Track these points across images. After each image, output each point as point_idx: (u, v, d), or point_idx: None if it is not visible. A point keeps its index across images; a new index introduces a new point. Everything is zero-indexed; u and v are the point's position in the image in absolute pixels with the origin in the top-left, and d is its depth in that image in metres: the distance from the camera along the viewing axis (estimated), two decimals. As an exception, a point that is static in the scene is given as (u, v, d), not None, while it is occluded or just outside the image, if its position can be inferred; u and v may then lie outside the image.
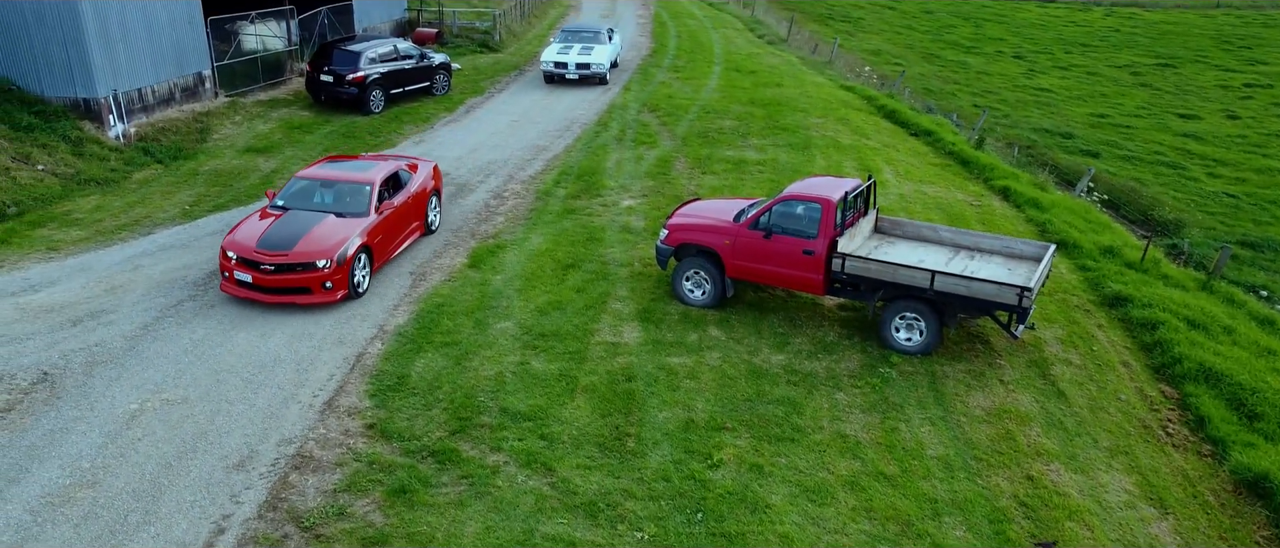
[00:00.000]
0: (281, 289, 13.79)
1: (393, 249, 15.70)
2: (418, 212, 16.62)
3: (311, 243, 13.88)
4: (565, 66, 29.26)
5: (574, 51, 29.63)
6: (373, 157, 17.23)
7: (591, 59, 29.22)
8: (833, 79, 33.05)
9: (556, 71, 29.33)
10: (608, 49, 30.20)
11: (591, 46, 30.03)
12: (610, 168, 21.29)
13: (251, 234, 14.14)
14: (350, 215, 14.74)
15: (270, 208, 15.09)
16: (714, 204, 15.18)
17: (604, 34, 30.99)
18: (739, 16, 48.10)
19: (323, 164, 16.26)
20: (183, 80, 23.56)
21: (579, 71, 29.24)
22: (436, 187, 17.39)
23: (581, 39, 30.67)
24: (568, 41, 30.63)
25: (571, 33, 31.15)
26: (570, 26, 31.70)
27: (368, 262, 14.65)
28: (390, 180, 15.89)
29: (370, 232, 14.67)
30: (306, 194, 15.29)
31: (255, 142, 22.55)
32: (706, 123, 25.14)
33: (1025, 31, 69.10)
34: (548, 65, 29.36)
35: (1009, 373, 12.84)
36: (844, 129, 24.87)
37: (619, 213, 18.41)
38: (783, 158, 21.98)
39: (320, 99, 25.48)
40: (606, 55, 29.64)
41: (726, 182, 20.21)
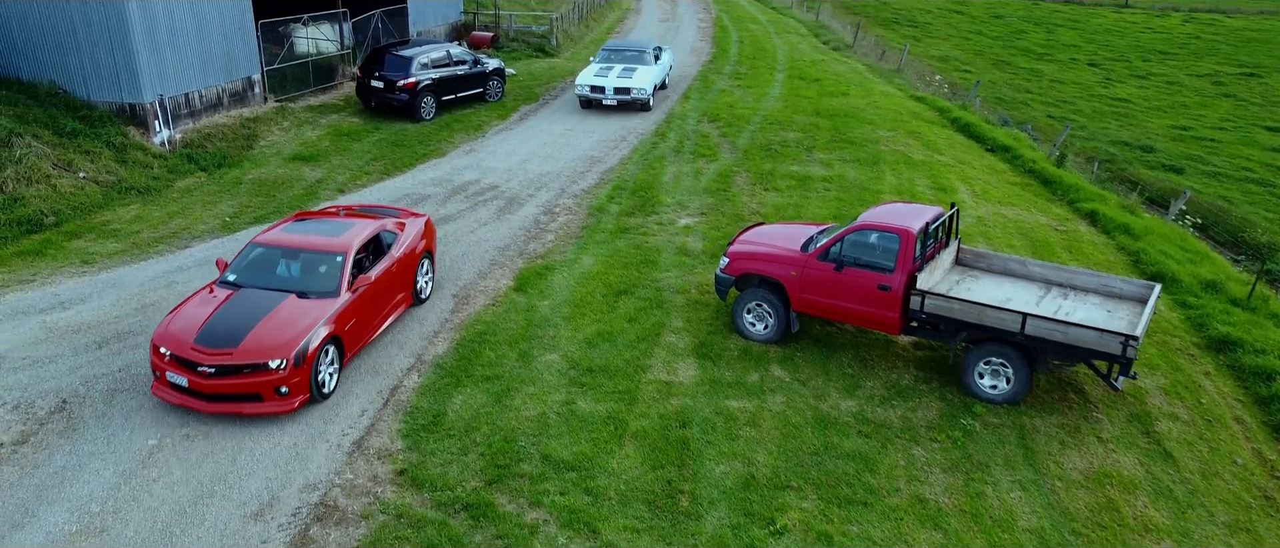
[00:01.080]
0: (224, 396, 11.00)
1: (371, 332, 12.73)
2: (404, 280, 13.65)
3: (264, 337, 11.07)
4: (602, 90, 26.28)
5: (613, 74, 26.68)
6: (357, 209, 14.73)
7: (632, 83, 26.21)
8: (902, 88, 31.59)
9: (592, 96, 26.38)
10: (651, 71, 27.11)
11: (634, 68, 27.05)
12: (667, 183, 20.23)
13: (190, 324, 11.33)
14: (316, 295, 11.90)
15: (219, 284, 12.25)
16: (779, 230, 14.02)
17: (649, 54, 27.97)
18: (802, 21, 46.71)
19: (288, 225, 13.30)
20: (231, 85, 23.02)
21: (617, 96, 26.25)
22: (428, 247, 14.45)
23: (624, 59, 27.83)
24: (608, 62, 27.81)
25: (613, 52, 28.20)
26: (613, 44, 28.66)
27: (337, 355, 11.75)
28: (370, 245, 13.17)
29: (340, 316, 11.80)
30: (264, 266, 12.44)
31: (302, 149, 21.90)
32: (769, 135, 23.95)
33: (1100, 38, 66.64)
34: (583, 89, 26.42)
35: (1107, 428, 11.49)
36: (915, 143, 23.50)
37: (675, 233, 17.34)
38: (850, 174, 20.72)
39: (370, 105, 24.81)
40: (650, 78, 26.64)
41: (790, 200, 19.03)
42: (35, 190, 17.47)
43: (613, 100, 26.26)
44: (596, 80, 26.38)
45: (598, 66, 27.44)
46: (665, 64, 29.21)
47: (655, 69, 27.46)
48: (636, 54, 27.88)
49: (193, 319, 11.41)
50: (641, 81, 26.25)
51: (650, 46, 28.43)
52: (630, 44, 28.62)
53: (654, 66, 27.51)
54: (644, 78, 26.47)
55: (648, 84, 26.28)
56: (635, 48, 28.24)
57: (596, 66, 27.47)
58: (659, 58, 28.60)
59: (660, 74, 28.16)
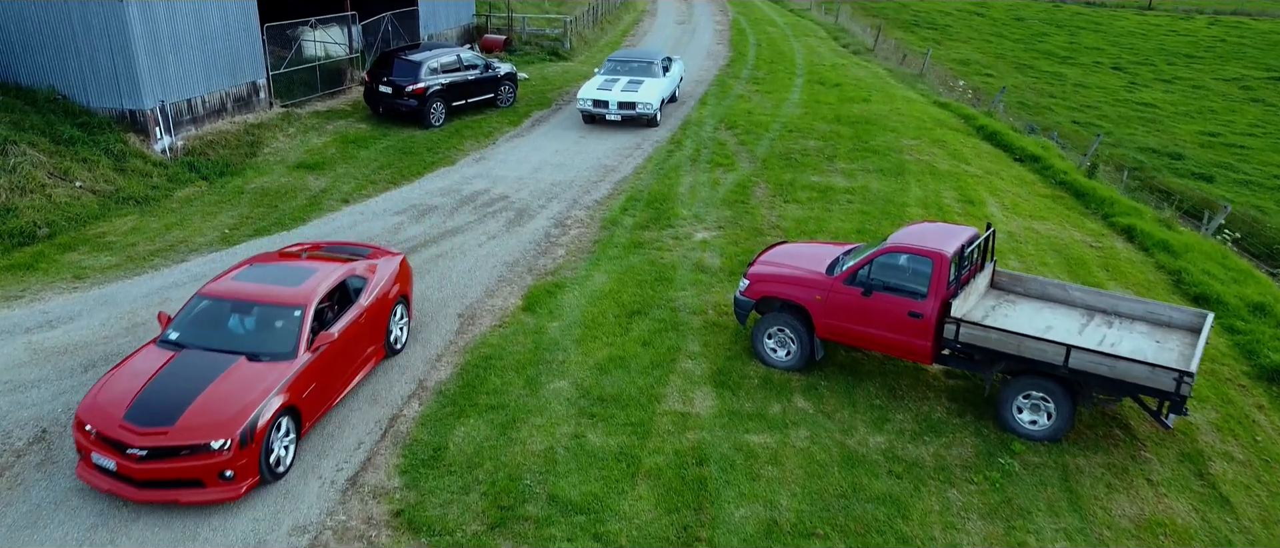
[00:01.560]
0: (158, 482, 9.37)
1: (335, 395, 11.14)
2: (375, 331, 12.01)
3: (205, 411, 9.46)
4: (605, 105, 24.31)
5: (618, 87, 24.71)
6: (324, 247, 13.25)
7: (637, 97, 24.19)
8: (925, 94, 30.74)
9: (595, 111, 24.46)
10: (659, 84, 25.08)
11: (640, 81, 25.03)
12: (683, 193, 19.48)
13: (120, 395, 9.70)
14: (270, 357, 10.27)
15: (159, 344, 10.61)
16: (803, 249, 13.24)
17: (657, 65, 25.87)
18: (821, 24, 45.87)
19: (241, 272, 11.58)
20: (235, 90, 22.41)
21: (621, 111, 24.26)
22: (403, 291, 12.79)
23: (630, 71, 25.72)
24: (613, 73, 25.77)
25: (619, 63, 26.10)
26: (620, 55, 26.68)
27: (293, 426, 10.16)
28: (335, 293, 11.59)
29: (297, 382, 10.17)
30: (211, 321, 10.80)
31: (307, 157, 21.26)
32: (789, 143, 23.16)
33: (1123, 41, 65.52)
34: (585, 103, 24.48)
35: (1157, 469, 10.68)
36: (940, 153, 22.67)
37: (692, 248, 16.59)
38: (874, 185, 19.91)
39: (378, 111, 24.16)
40: (657, 92, 24.61)
41: (811, 213, 18.24)
42: (29, 201, 16.87)
43: (617, 116, 24.39)
44: (599, 94, 24.49)
45: (602, 78, 25.56)
46: (675, 75, 27.37)
47: (664, 82, 25.65)
48: (644, 65, 25.90)
49: (124, 389, 9.79)
50: (648, 96, 24.32)
51: (659, 56, 26.52)
52: (638, 54, 26.73)
53: (662, 79, 25.63)
54: (651, 91, 24.51)
55: (654, 98, 24.35)
56: (643, 58, 26.26)
57: (600, 78, 25.59)
58: (668, 69, 26.68)
59: (669, 87, 26.34)
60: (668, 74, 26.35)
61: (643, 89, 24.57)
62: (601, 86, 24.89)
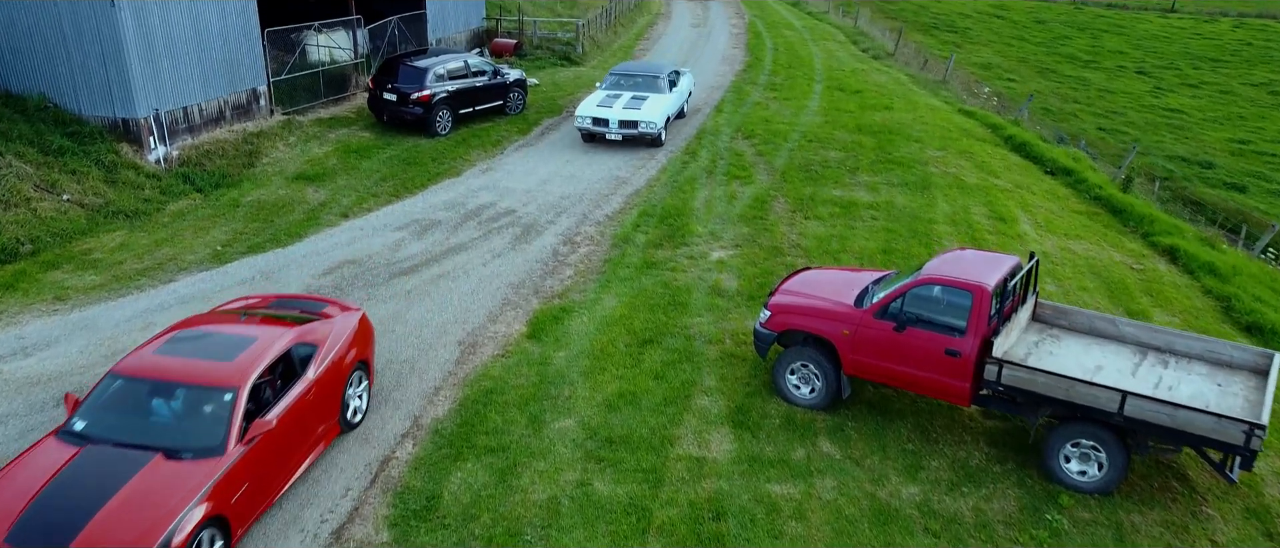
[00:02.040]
0: None
1: (275, 492, 9.30)
2: (327, 407, 10.18)
3: (109, 528, 7.67)
4: (605, 124, 22.38)
5: (619, 103, 22.78)
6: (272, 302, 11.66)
7: (640, 115, 22.25)
8: (949, 101, 29.72)
9: (595, 130, 22.51)
10: (664, 101, 23.17)
11: (644, 96, 23.09)
12: (698, 208, 18.56)
13: (7, 507, 7.90)
14: (193, 453, 8.50)
15: (61, 436, 8.78)
16: (829, 277, 12.29)
17: (663, 79, 23.86)
18: (840, 27, 44.86)
19: (165, 342, 9.66)
20: (234, 98, 21.61)
21: (623, 131, 22.32)
22: (361, 355, 10.92)
23: (633, 85, 23.76)
24: (615, 88, 23.83)
25: (623, 76, 24.17)
26: (623, 67, 24.79)
27: (220, 536, 8.34)
28: (278, 365, 9.72)
29: (225, 483, 8.39)
30: (125, 406, 9.02)
31: (307, 167, 20.44)
32: (809, 153, 22.21)
33: (1147, 44, 64.28)
34: (583, 121, 22.58)
35: (1221, 529, 9.70)
36: (967, 165, 21.67)
37: (707, 268, 15.67)
38: (899, 201, 18.95)
39: (383, 119, 23.33)
40: (662, 109, 22.72)
41: (833, 230, 17.30)
42: (13, 215, 16.09)
43: (618, 135, 22.46)
44: (600, 111, 22.55)
45: (603, 93, 23.65)
46: (683, 90, 25.27)
47: (669, 98, 23.57)
48: (649, 79, 23.88)
49: (12, 499, 7.98)
50: (651, 113, 22.39)
51: (665, 70, 24.50)
52: (642, 68, 24.70)
53: (668, 95, 23.60)
54: (655, 108, 22.61)
55: (658, 116, 22.41)
56: (648, 72, 24.25)
57: (601, 93, 23.69)
58: (675, 83, 24.61)
59: (676, 102, 24.27)
60: (675, 89, 24.35)
61: (647, 106, 22.68)
62: (602, 103, 22.96)
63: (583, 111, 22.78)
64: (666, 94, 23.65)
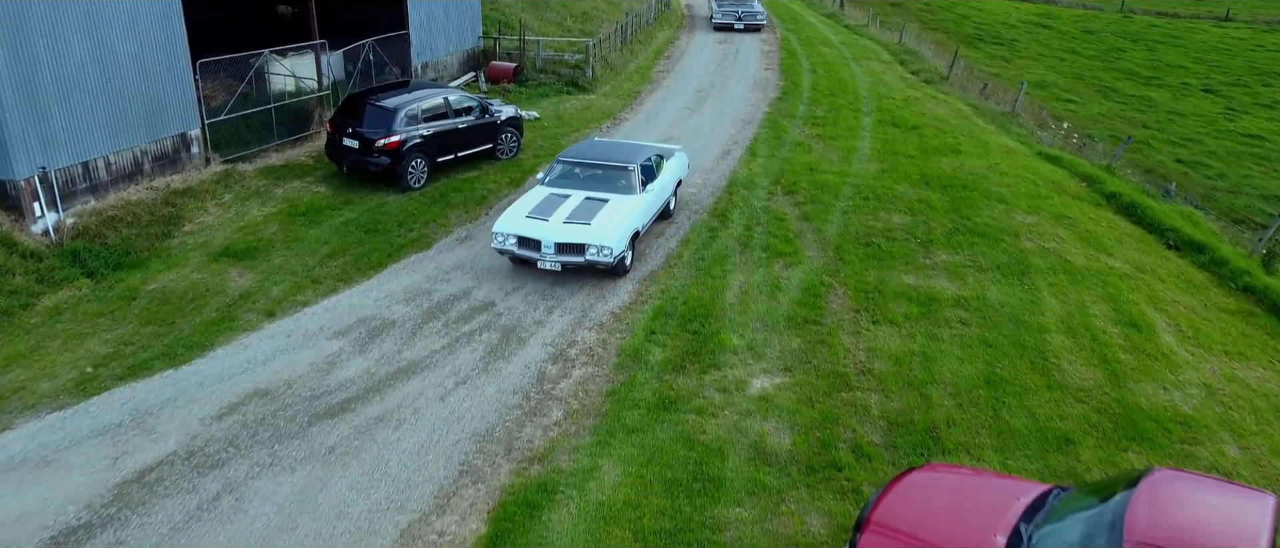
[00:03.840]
0: None
1: None
2: None
3: None
4: (535, 246, 14.57)
5: (561, 212, 14.87)
6: None
7: (590, 233, 14.39)
8: (1024, 140, 25.22)
9: (522, 254, 14.67)
10: (633, 207, 15.26)
11: (601, 199, 15.30)
12: (731, 302, 14.24)
13: None
14: None
15: None
16: (962, 487, 7.94)
17: (634, 171, 15.88)
18: (882, 43, 40.34)
19: None
20: (155, 146, 17.49)
21: (561, 258, 14.51)
22: None
23: (589, 180, 15.96)
24: (563, 185, 15.95)
25: (575, 165, 16.29)
26: (578, 151, 16.82)
27: None
28: None
29: None
30: None
31: (238, 238, 16.25)
32: (866, 217, 17.84)
33: (1208, 57, 59.45)
34: (504, 241, 14.71)
35: None
36: (1069, 236, 17.23)
37: (747, 410, 11.36)
38: (993, 294, 14.56)
39: (342, 170, 19.13)
40: (625, 221, 14.80)
41: (913, 343, 12.94)
42: None
43: (553, 264, 14.55)
44: (528, 225, 14.60)
45: (540, 193, 15.71)
46: (666, 182, 17.12)
47: (641, 202, 15.61)
48: (613, 171, 15.99)
49: None
50: (607, 230, 14.41)
51: (642, 155, 16.56)
52: (607, 152, 16.71)
53: (638, 197, 15.65)
54: (614, 222, 14.62)
55: (618, 234, 14.46)
56: (613, 158, 16.26)
57: (537, 194, 15.74)
58: (654, 174, 16.58)
59: (652, 206, 16.25)
60: (653, 185, 16.32)
61: (603, 218, 14.68)
62: (535, 211, 14.95)
63: (503, 225, 14.65)
64: (637, 196, 15.65)
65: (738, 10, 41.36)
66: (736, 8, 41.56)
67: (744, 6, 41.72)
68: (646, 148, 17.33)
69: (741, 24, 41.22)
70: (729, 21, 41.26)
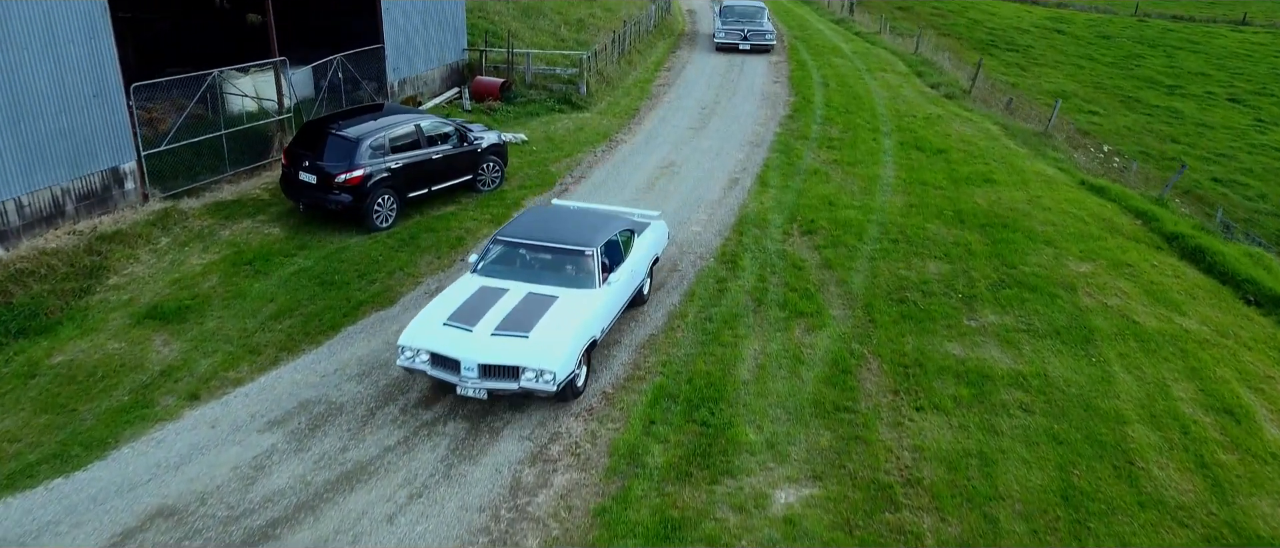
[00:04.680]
0: None
1: None
2: None
3: None
4: (453, 367, 10.84)
5: (489, 319, 11.14)
6: None
7: (526, 352, 10.69)
8: (1062, 165, 22.90)
9: (435, 375, 11.00)
10: (589, 309, 11.52)
11: (548, 297, 11.61)
12: (746, 379, 11.97)
13: None
14: None
15: None
16: None
17: (592, 257, 12.20)
18: (897, 53, 38.01)
19: None
20: (81, 183, 15.22)
21: (487, 384, 10.75)
22: None
23: (535, 269, 12.34)
24: (499, 274, 12.30)
25: (518, 247, 12.59)
26: (520, 228, 12.91)
27: None
28: None
29: None
30: None
31: (169, 294, 13.96)
32: (897, 264, 15.56)
33: (1229, 64, 57.29)
34: (413, 358, 11.03)
35: None
36: (1132, 289, 14.95)
37: (770, 537, 9.11)
38: (1055, 368, 12.29)
39: (299, 207, 16.82)
40: (578, 330, 11.10)
41: (968, 438, 10.68)
42: None
43: (477, 391, 10.78)
44: (444, 338, 10.94)
45: (470, 286, 11.96)
46: (639, 262, 13.33)
47: (600, 299, 11.85)
48: (568, 255, 12.28)
49: None
50: (549, 345, 10.76)
51: (611, 228, 12.98)
52: (562, 227, 12.86)
53: (598, 292, 11.90)
54: (560, 332, 10.95)
55: (564, 350, 10.75)
56: (569, 240, 12.41)
57: (466, 286, 11.98)
58: (624, 254, 13.05)
59: (618, 297, 12.51)
60: (620, 271, 12.56)
61: (544, 329, 10.95)
62: (458, 315, 11.22)
63: (413, 336, 10.99)
64: (595, 291, 11.87)
65: (743, 28, 35.74)
66: (742, 25, 35.94)
67: (751, 24, 36.13)
68: (615, 219, 13.46)
69: (747, 44, 35.62)
70: (733, 42, 35.71)
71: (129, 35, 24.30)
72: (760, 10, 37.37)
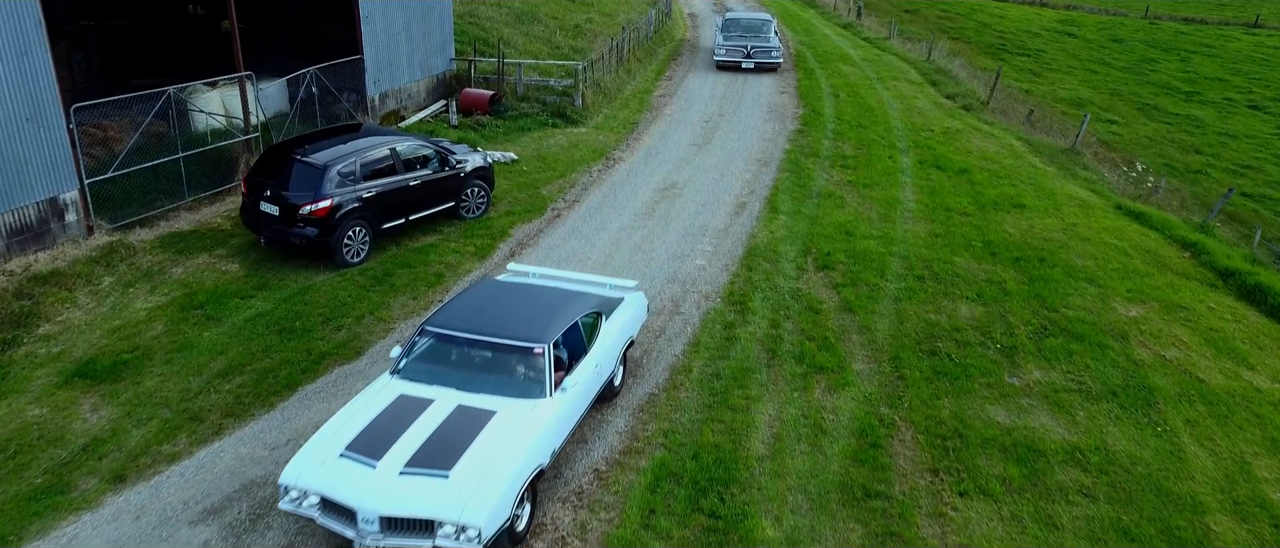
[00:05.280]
0: None
1: None
2: None
3: None
4: (349, 517, 8.17)
5: (403, 446, 8.54)
6: None
7: (443, 501, 8.03)
8: (1094, 186, 21.27)
9: (327, 524, 8.33)
10: (538, 425, 8.97)
11: (482, 414, 8.98)
12: (761, 454, 10.36)
13: None
14: None
15: None
16: None
17: (543, 357, 9.47)
18: (909, 60, 36.35)
19: None
20: (13, 217, 13.62)
21: (391, 540, 8.08)
22: None
23: (469, 371, 9.66)
24: (423, 377, 9.59)
25: (450, 341, 9.81)
26: (459, 310, 10.17)
27: None
28: None
29: None
30: None
31: (106, 346, 12.34)
32: (924, 306, 13.95)
33: (1245, 68, 55.80)
34: (299, 500, 8.46)
35: None
36: (1190, 338, 13.34)
37: None
38: (1116, 440, 10.68)
39: (261, 242, 15.18)
40: (516, 462, 8.47)
41: (1024, 537, 9.10)
42: None
43: (375, 540, 8.13)
44: (339, 477, 8.34)
45: (383, 396, 9.33)
46: (608, 351, 10.81)
47: (552, 411, 9.29)
48: (512, 353, 9.63)
49: None
50: (475, 490, 8.15)
51: (573, 309, 10.36)
52: (509, 311, 10.18)
53: (549, 403, 9.30)
54: (491, 469, 8.38)
55: (494, 496, 8.12)
56: (515, 333, 9.69)
57: (378, 396, 9.35)
58: (588, 343, 10.50)
59: (578, 403, 9.98)
60: (581, 369, 10.07)
61: (470, 465, 8.40)
62: (360, 441, 8.65)
63: (298, 471, 8.48)
64: (546, 402, 9.30)
65: (747, 44, 31.22)
66: (745, 41, 31.43)
67: (756, 39, 31.66)
68: (578, 298, 10.64)
69: (751, 63, 31.21)
70: (734, 60, 31.30)
71: (93, 44, 22.73)
72: (767, 24, 33.26)
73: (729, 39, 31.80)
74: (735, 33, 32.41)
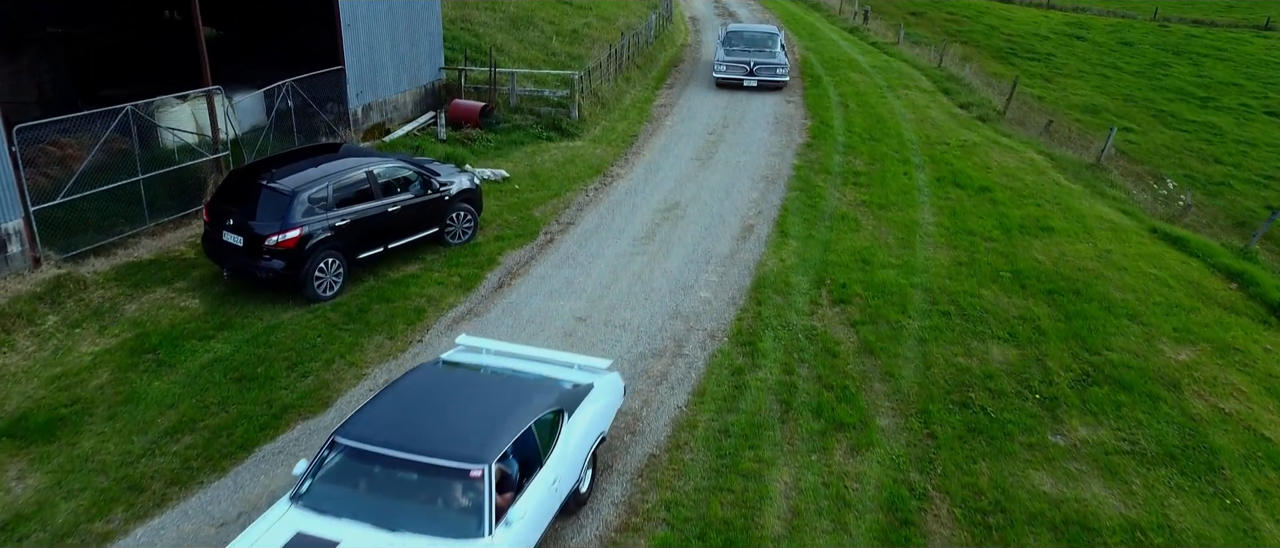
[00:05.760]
0: None
1: None
2: None
3: None
4: None
5: None
6: None
7: None
8: (1124, 206, 19.96)
9: None
10: None
11: None
12: (777, 534, 9.10)
13: None
14: None
15: None
16: None
17: (483, 481, 7.38)
18: (919, 66, 35.02)
19: None
20: (-55, 251, 12.29)
21: None
22: None
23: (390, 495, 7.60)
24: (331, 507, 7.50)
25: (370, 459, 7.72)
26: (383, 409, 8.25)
27: None
28: None
29: None
30: None
31: (43, 399, 11.05)
32: (952, 347, 12.65)
33: (1260, 73, 54.51)
34: None
35: None
36: (1249, 386, 12.04)
37: None
38: (1180, 516, 9.41)
39: (225, 274, 13.89)
40: None
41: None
42: None
43: None
44: None
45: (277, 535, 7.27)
46: (570, 458, 8.69)
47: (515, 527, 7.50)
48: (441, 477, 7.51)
49: None
50: None
51: (529, 405, 8.42)
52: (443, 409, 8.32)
53: (484, 543, 7.22)
54: None
55: None
56: (442, 447, 7.58)
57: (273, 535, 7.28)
58: (546, 450, 8.37)
59: (529, 534, 7.91)
60: (530, 495, 7.88)
61: None
62: None
63: None
64: (482, 543, 7.25)
65: (749, 60, 28.27)
66: (747, 57, 28.45)
67: (760, 54, 28.80)
68: (536, 391, 8.82)
69: (754, 80, 28.22)
70: (737, 77, 28.29)
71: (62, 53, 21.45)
72: (772, 37, 30.20)
73: (731, 53, 29.00)
74: (738, 46, 29.65)
